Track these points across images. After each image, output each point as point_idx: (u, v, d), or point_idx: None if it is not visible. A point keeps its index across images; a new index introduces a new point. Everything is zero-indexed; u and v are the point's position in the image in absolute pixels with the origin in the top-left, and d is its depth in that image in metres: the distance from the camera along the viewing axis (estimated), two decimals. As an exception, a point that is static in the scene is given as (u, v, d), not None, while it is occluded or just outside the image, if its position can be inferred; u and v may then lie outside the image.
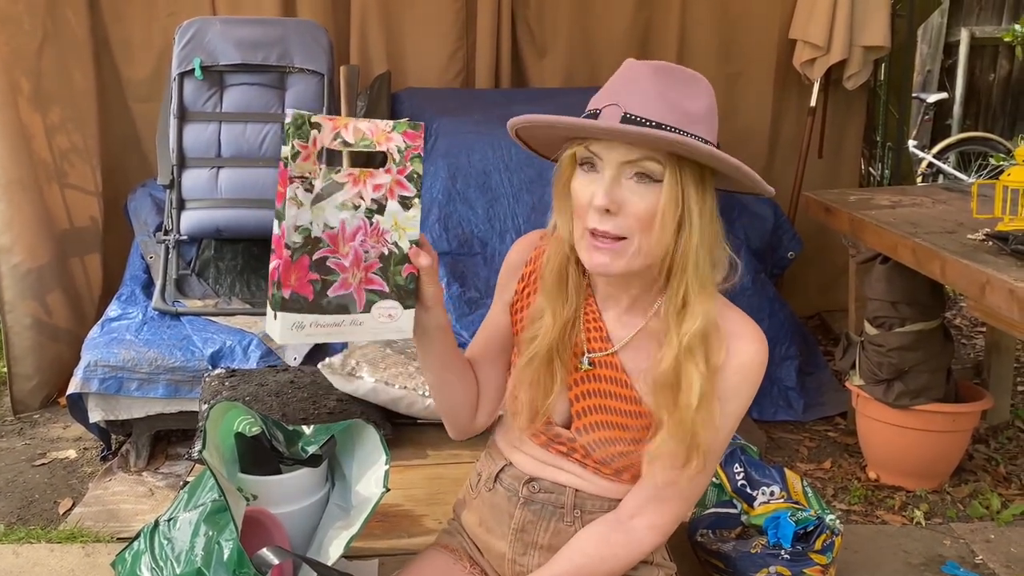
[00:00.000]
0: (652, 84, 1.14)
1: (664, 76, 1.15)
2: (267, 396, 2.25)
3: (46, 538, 2.42)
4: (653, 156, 1.12)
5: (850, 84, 3.77)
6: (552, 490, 1.35)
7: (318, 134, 1.13)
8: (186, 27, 3.09)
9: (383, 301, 1.19)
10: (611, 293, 1.28)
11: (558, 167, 1.22)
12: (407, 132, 1.18)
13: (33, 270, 3.18)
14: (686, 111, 1.12)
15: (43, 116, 3.27)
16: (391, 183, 1.18)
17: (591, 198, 1.14)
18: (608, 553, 1.28)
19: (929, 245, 2.26)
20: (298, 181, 1.13)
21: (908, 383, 2.59)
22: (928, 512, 2.58)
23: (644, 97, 1.13)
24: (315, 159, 1.13)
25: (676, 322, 1.19)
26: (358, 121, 1.15)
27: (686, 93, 1.14)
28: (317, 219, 1.14)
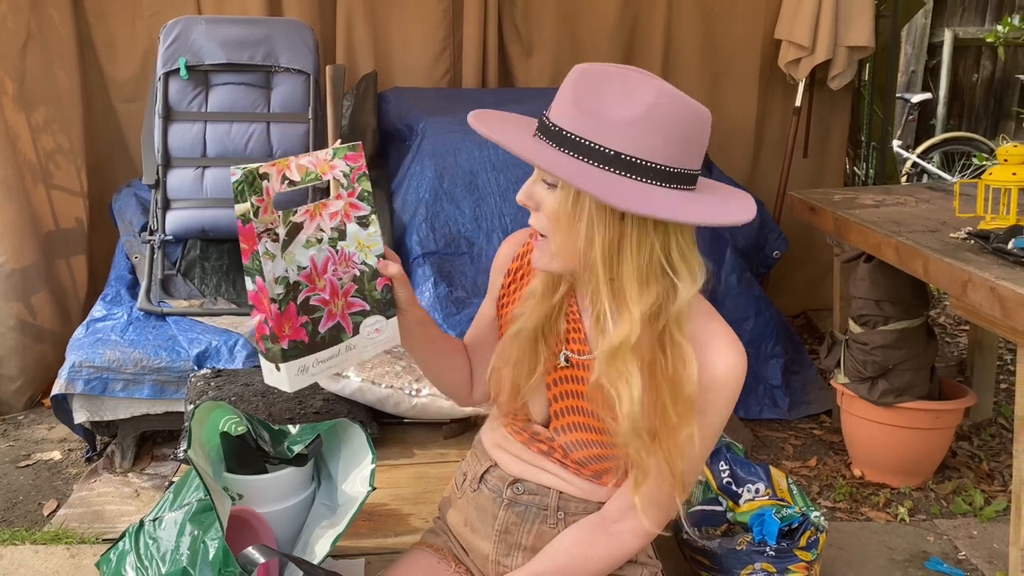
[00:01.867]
0: (572, 88, 1.12)
1: (589, 82, 1.11)
2: (253, 396, 2.25)
3: (31, 539, 2.41)
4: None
5: (835, 84, 3.79)
6: (536, 492, 1.36)
7: (268, 183, 1.15)
8: (171, 26, 3.08)
9: (367, 319, 1.25)
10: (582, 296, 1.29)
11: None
12: (347, 155, 1.23)
13: (17, 271, 3.16)
14: (606, 118, 1.08)
15: (28, 116, 3.25)
16: (344, 207, 1.23)
17: None
18: (592, 555, 1.29)
19: (912, 244, 2.27)
20: (265, 235, 1.15)
21: (892, 381, 2.61)
22: (912, 509, 2.60)
23: (562, 102, 1.12)
24: (272, 208, 1.15)
25: (601, 336, 1.18)
26: (299, 158, 1.19)
27: (615, 100, 1.08)
28: (291, 265, 1.17)
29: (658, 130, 1.08)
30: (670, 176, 1.10)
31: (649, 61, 3.91)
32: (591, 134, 1.08)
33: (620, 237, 1.11)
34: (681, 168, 1.11)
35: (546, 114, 1.14)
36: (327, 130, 3.04)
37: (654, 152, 1.08)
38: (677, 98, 1.10)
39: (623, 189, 1.07)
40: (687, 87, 3.95)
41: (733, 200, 1.20)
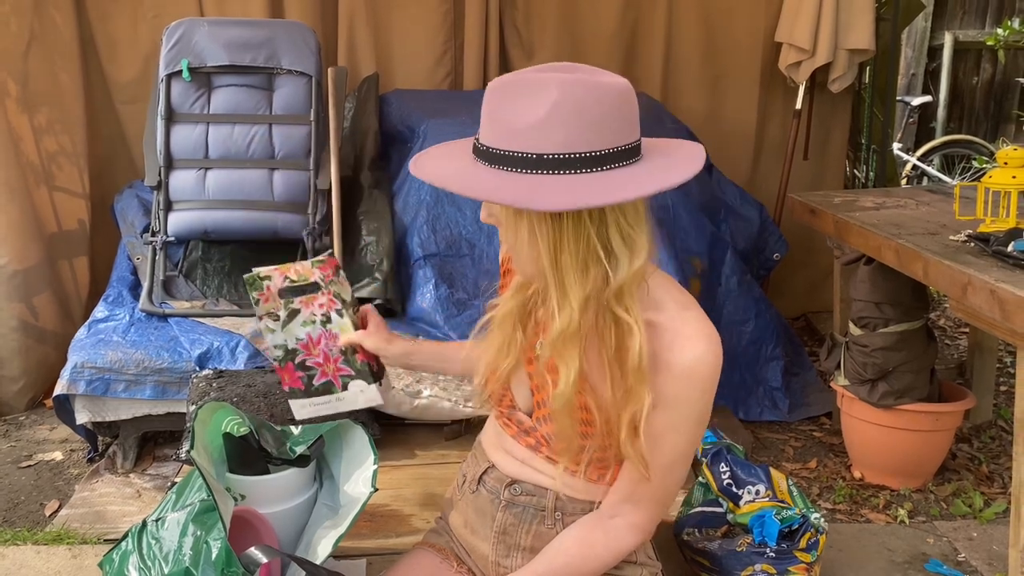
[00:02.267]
0: (486, 104, 1.17)
1: (499, 95, 1.15)
2: (255, 397, 2.25)
3: (32, 540, 2.41)
4: None
5: (835, 87, 3.80)
6: (534, 493, 1.36)
7: (271, 283, 1.63)
8: (174, 28, 3.09)
9: (354, 381, 1.63)
10: None
11: None
12: (321, 266, 1.62)
13: (20, 272, 3.17)
14: (518, 124, 1.10)
15: (31, 118, 3.26)
16: (327, 301, 1.61)
17: None
18: (589, 553, 1.30)
19: (912, 246, 2.28)
20: (267, 317, 1.64)
21: (892, 383, 2.62)
22: (912, 511, 2.60)
23: (483, 122, 1.17)
24: (275, 298, 1.62)
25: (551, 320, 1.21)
26: (296, 264, 1.62)
27: (518, 107, 1.11)
28: (289, 337, 1.63)
29: (569, 121, 1.09)
30: (598, 159, 1.11)
31: (649, 63, 3.92)
32: (509, 144, 1.11)
33: (559, 234, 1.14)
34: (609, 148, 1.11)
35: (476, 135, 1.18)
36: (329, 132, 3.04)
37: (571, 143, 1.09)
38: (583, 83, 1.10)
39: (552, 189, 1.09)
40: (688, 89, 3.98)
41: (679, 157, 1.21)
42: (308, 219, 3.03)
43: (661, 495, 1.29)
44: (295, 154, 3.08)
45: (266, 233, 3.03)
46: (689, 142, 1.27)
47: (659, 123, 3.49)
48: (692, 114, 3.86)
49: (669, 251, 2.88)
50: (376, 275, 2.99)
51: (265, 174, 3.04)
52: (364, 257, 3.06)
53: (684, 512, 2.07)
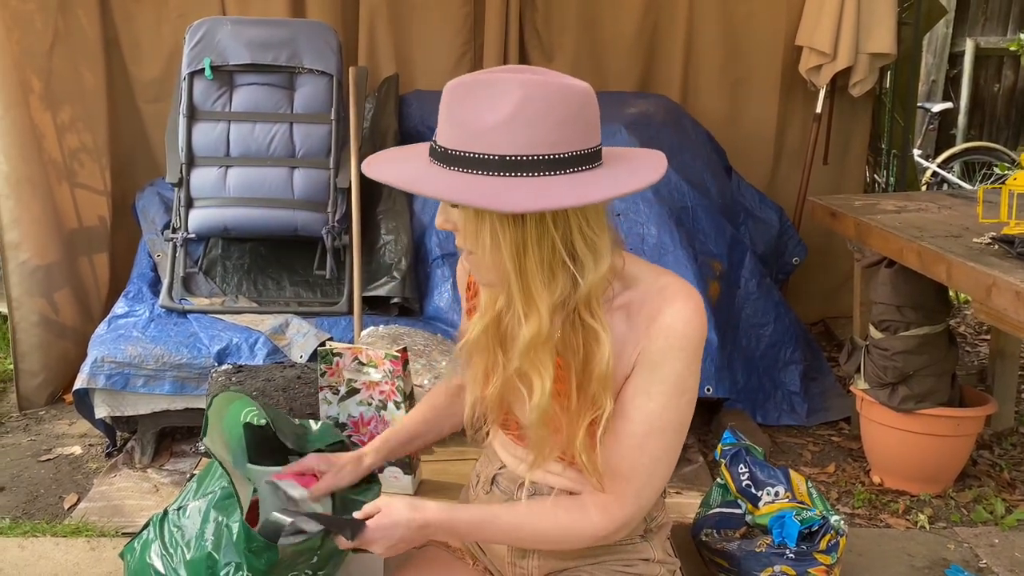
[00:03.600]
0: (445, 106, 1.12)
1: (458, 96, 1.11)
2: (274, 391, 2.26)
3: (51, 532, 2.43)
4: None
5: (856, 91, 3.78)
6: (547, 493, 1.35)
7: (340, 359, 1.84)
8: (196, 27, 3.11)
9: (391, 467, 1.81)
10: None
11: None
12: (392, 360, 1.79)
13: (41, 267, 3.20)
14: (480, 126, 1.07)
15: (54, 115, 3.29)
16: (389, 391, 1.81)
17: None
18: (547, 518, 1.25)
19: (935, 248, 2.27)
20: (327, 389, 1.86)
21: (913, 387, 2.60)
22: (932, 516, 2.58)
23: (441, 124, 1.13)
24: (341, 375, 1.83)
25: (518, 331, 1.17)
26: (370, 350, 1.81)
27: (480, 108, 1.08)
28: (343, 412, 1.85)
29: (534, 122, 1.07)
30: (563, 162, 1.09)
31: (669, 67, 3.92)
32: (471, 146, 1.08)
33: (523, 238, 1.11)
34: (573, 151, 1.09)
35: (434, 138, 1.14)
36: (349, 131, 3.05)
37: (535, 144, 1.07)
38: (546, 85, 1.08)
39: (515, 191, 1.06)
40: (707, 92, 3.97)
41: (641, 163, 1.19)
42: (327, 217, 3.04)
43: (629, 473, 1.21)
44: (315, 153, 3.09)
45: (286, 231, 3.05)
46: (650, 150, 1.24)
47: (678, 126, 3.49)
48: (712, 117, 3.85)
49: (688, 253, 2.87)
50: (394, 274, 2.99)
51: (285, 172, 3.05)
52: (383, 256, 3.07)
53: (702, 513, 2.06)
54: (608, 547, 1.35)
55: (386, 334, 2.67)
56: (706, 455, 2.84)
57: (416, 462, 1.87)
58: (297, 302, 3.06)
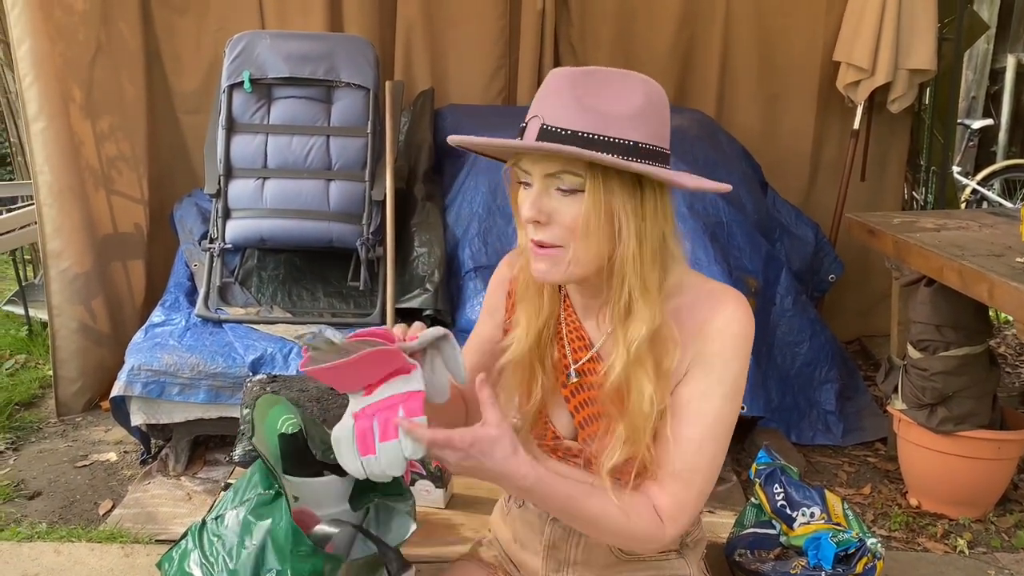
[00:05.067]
0: (571, 91, 1.12)
1: (583, 81, 1.13)
2: (308, 402, 2.27)
3: (86, 537, 2.46)
4: (570, 168, 1.11)
5: (894, 107, 3.74)
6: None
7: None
8: (237, 40, 3.15)
9: (422, 480, 1.86)
10: (585, 303, 1.28)
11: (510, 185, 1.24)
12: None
13: (80, 275, 3.25)
14: (606, 114, 1.10)
15: (93, 124, 3.35)
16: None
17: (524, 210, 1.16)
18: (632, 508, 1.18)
19: (976, 268, 2.23)
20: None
21: (952, 408, 2.55)
22: (971, 541, 2.52)
23: (561, 106, 1.12)
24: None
25: (622, 329, 1.17)
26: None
27: (609, 95, 1.12)
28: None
29: (653, 117, 1.14)
30: (667, 157, 1.16)
31: (705, 81, 3.91)
32: (605, 130, 1.10)
33: (642, 228, 1.14)
34: (669, 149, 1.17)
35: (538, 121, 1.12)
36: (385, 144, 3.08)
37: (658, 137, 1.14)
38: (659, 87, 1.17)
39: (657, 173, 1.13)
40: (743, 107, 3.96)
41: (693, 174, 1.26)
42: (362, 229, 3.06)
43: (688, 476, 1.18)
44: (351, 165, 3.11)
45: (321, 242, 3.07)
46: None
47: (714, 140, 3.47)
48: (747, 132, 3.83)
49: (723, 269, 2.85)
50: (427, 286, 3.00)
51: (322, 184, 3.08)
52: (416, 268, 3.08)
53: (736, 533, 2.03)
54: (644, 562, 1.34)
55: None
56: (740, 474, 2.80)
57: (448, 476, 1.86)
58: (331, 313, 3.08)
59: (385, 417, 1.10)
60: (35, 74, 3.07)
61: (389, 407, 1.11)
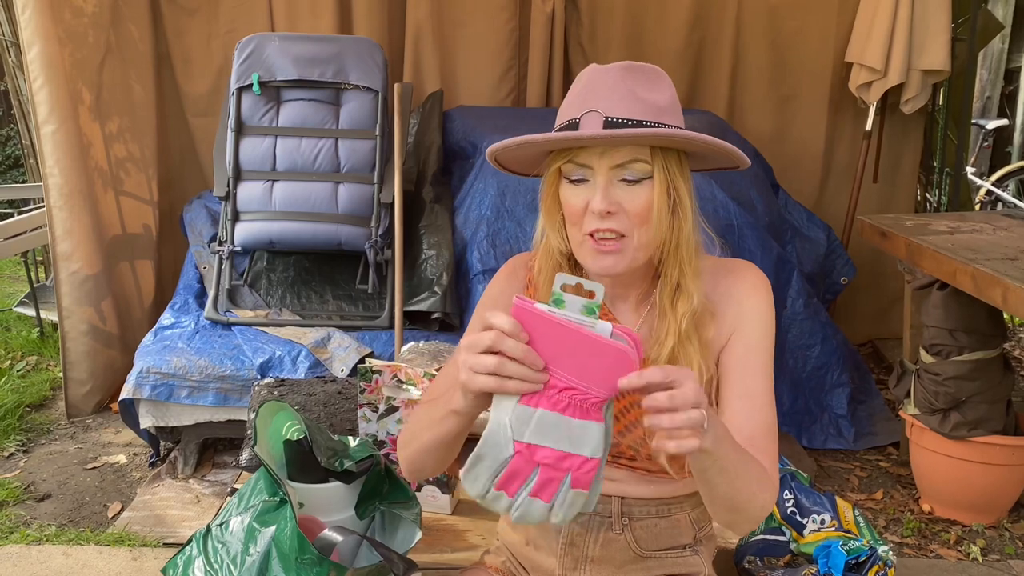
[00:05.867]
0: (624, 84, 1.15)
1: (632, 75, 1.17)
2: (315, 406, 2.26)
3: (95, 540, 2.46)
4: (639, 156, 1.14)
5: (907, 108, 3.71)
6: (599, 501, 1.33)
7: (379, 377, 1.84)
8: (245, 43, 3.15)
9: (428, 486, 1.79)
10: (618, 293, 1.29)
11: (544, 183, 1.23)
12: (431, 379, 1.77)
13: (90, 277, 3.25)
14: (656, 105, 1.15)
15: (102, 126, 3.35)
16: None
17: (587, 204, 1.16)
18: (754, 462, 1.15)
19: (990, 271, 2.20)
20: (366, 407, 1.87)
21: (965, 413, 2.52)
22: (985, 548, 2.49)
23: (620, 99, 1.14)
24: (380, 392, 1.83)
25: (671, 306, 1.21)
26: (407, 367, 1.83)
27: (652, 88, 1.16)
28: (382, 429, 1.83)
29: (680, 107, 1.20)
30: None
31: (716, 82, 3.88)
32: (659, 118, 1.15)
33: (694, 208, 1.20)
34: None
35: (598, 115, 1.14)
36: (393, 147, 3.07)
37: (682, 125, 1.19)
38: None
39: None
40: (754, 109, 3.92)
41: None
42: (371, 232, 3.06)
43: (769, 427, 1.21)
44: (360, 168, 3.11)
45: (330, 245, 3.07)
46: None
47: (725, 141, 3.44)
48: (759, 134, 3.80)
49: (733, 272, 2.83)
50: (435, 289, 2.99)
51: (330, 187, 3.08)
52: (424, 270, 3.07)
53: (746, 539, 2.01)
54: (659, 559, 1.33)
55: (426, 350, 2.67)
56: (749, 478, 2.78)
57: (454, 482, 1.85)
58: (339, 315, 3.07)
59: (548, 477, 0.91)
60: (45, 77, 3.08)
61: (556, 463, 0.91)
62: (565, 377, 0.91)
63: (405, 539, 1.56)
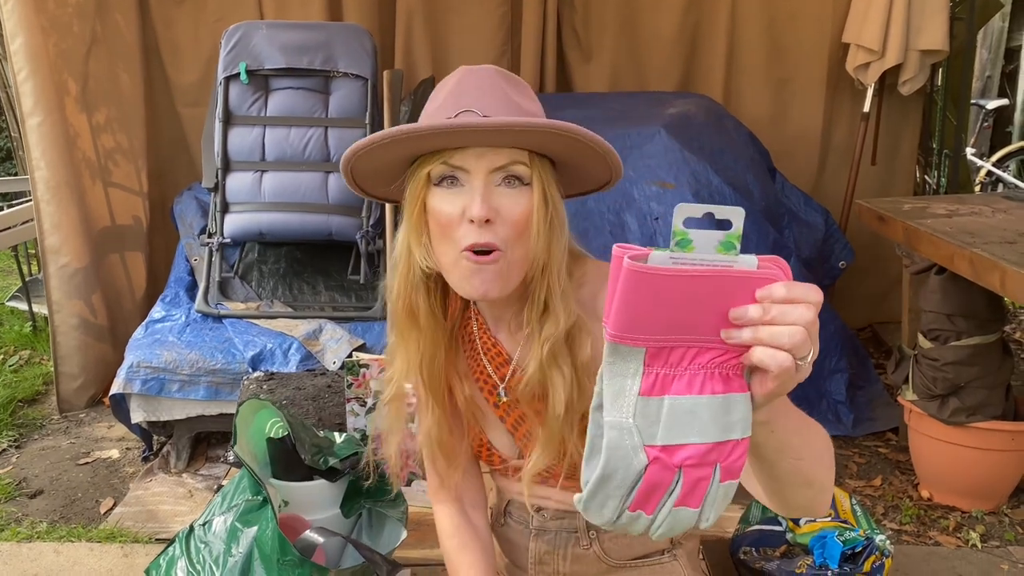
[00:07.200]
0: (498, 87, 1.06)
1: (504, 79, 1.09)
2: (304, 400, 2.24)
3: (86, 537, 2.44)
4: (519, 159, 1.04)
5: (905, 89, 3.66)
6: (563, 516, 1.28)
7: (367, 370, 1.82)
8: (232, 31, 3.11)
9: (419, 480, 1.73)
10: (497, 315, 1.19)
11: (409, 192, 1.09)
12: None
13: (80, 270, 3.22)
14: (530, 112, 1.07)
15: (89, 117, 3.32)
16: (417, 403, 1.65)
17: (462, 212, 1.02)
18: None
19: (988, 255, 2.16)
20: (354, 401, 1.85)
21: (964, 399, 2.49)
22: (984, 534, 2.47)
23: (495, 99, 1.05)
24: (368, 386, 1.81)
25: (538, 328, 1.09)
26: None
27: (523, 96, 1.09)
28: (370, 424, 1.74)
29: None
30: None
31: (711, 66, 3.83)
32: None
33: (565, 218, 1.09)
34: None
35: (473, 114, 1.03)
36: (384, 134, 3.03)
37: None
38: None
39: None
40: (751, 92, 3.86)
41: None
42: (362, 222, 3.02)
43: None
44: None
45: (320, 235, 3.03)
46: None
47: (720, 126, 3.40)
48: (755, 117, 3.75)
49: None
50: (429, 279, 2.96)
51: (320, 177, 3.04)
52: (417, 260, 3.03)
53: (741, 530, 1.99)
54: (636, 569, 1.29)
55: (419, 341, 2.64)
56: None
57: None
58: (332, 307, 3.04)
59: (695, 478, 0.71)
60: (30, 68, 3.04)
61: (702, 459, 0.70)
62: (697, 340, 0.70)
63: (391, 538, 1.53)
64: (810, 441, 0.90)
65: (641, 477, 0.70)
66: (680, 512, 0.72)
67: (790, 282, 0.70)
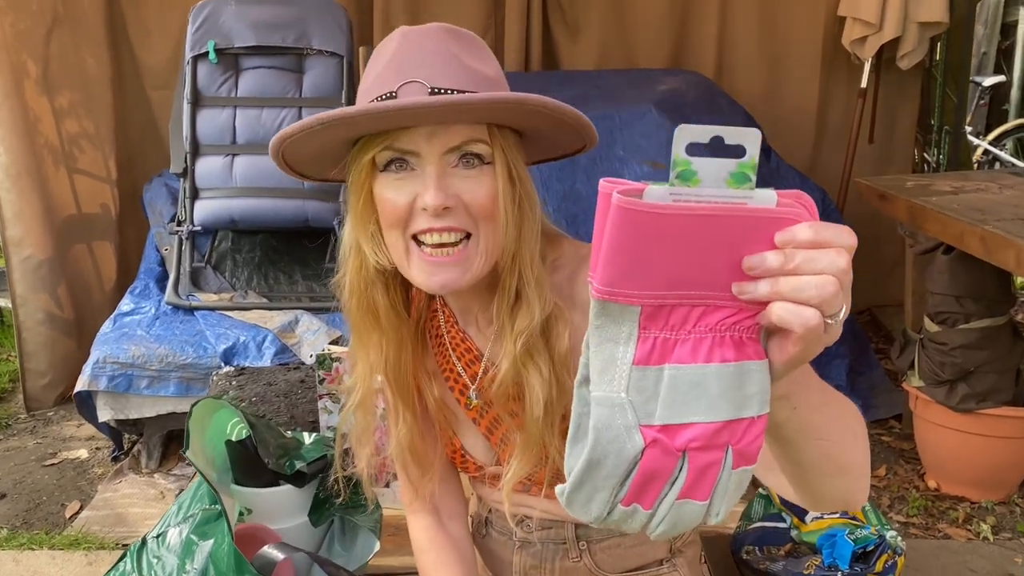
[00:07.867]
0: (447, 49, 0.91)
1: (455, 39, 0.93)
2: (275, 397, 2.11)
3: (48, 544, 2.31)
4: (478, 135, 0.90)
5: (904, 64, 3.54)
6: (550, 526, 1.15)
7: (340, 364, 1.69)
8: (200, 7, 2.96)
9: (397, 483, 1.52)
10: (463, 307, 1.07)
11: (351, 181, 0.96)
12: None
13: (44, 262, 3.08)
14: (485, 76, 0.92)
15: (51, 100, 3.16)
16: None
17: (413, 201, 0.90)
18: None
19: (1002, 233, 2.04)
20: (327, 397, 1.72)
21: (973, 384, 2.39)
22: (996, 526, 2.37)
23: (444, 65, 0.90)
24: (341, 381, 1.67)
25: (509, 321, 0.96)
26: None
27: (477, 57, 0.93)
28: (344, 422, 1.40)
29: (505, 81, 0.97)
30: None
31: (703, 41, 3.71)
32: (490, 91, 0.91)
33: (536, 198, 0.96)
34: None
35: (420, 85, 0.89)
36: (361, 115, 2.89)
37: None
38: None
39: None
40: (744, 68, 3.73)
41: None
42: (339, 207, 2.88)
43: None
44: (326, 139, 2.93)
45: (296, 222, 2.90)
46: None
47: (712, 104, 3.28)
48: (749, 94, 3.63)
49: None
50: (410, 266, 2.83)
51: (295, 160, 2.90)
52: (398, 247, 2.91)
53: (743, 527, 1.87)
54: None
55: (400, 331, 2.51)
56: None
57: None
58: (309, 297, 2.91)
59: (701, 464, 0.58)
60: (-15, 49, 2.88)
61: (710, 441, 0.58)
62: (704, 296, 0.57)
63: (364, 549, 1.40)
64: (840, 416, 0.75)
65: (636, 464, 0.58)
66: (684, 506, 0.59)
67: (817, 222, 0.57)
